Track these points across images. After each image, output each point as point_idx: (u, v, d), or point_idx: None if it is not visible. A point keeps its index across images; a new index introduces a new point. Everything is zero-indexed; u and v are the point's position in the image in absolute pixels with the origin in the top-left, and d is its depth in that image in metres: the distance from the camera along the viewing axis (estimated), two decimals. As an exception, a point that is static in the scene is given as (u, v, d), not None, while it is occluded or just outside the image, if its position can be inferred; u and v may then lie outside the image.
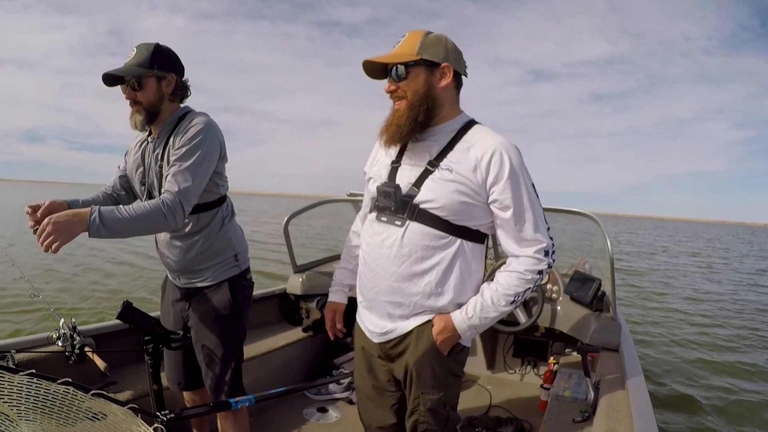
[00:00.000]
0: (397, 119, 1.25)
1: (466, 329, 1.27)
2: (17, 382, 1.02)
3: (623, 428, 1.50)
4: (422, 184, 1.24)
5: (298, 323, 3.04)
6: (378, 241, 1.30)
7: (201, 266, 1.68)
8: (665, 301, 8.85)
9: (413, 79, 1.23)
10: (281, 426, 2.41)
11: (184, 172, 1.47)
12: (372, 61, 1.25)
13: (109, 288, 7.18)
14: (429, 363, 1.31)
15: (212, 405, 1.71)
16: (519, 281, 1.24)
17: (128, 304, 1.44)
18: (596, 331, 2.33)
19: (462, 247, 1.26)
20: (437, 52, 1.23)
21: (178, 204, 1.44)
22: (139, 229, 1.39)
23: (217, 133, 1.58)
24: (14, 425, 1.02)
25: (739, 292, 10.73)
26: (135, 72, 1.52)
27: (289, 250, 3.11)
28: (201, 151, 1.50)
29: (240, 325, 1.75)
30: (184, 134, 1.52)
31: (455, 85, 1.29)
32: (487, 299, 1.25)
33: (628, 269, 13.46)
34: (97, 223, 1.29)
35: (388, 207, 1.28)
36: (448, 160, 1.23)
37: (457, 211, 1.22)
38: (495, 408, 2.64)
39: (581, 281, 2.59)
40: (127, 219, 1.35)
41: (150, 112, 1.57)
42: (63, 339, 1.78)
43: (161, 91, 1.57)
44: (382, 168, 1.34)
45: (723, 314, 8.04)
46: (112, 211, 1.34)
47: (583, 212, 2.60)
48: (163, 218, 1.41)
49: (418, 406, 1.34)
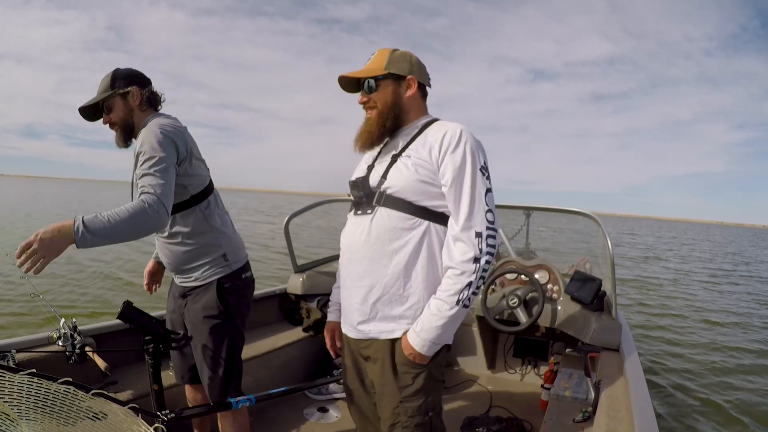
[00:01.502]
0: (368, 126, 1.39)
1: (422, 343, 1.26)
2: (18, 381, 1.02)
3: (624, 428, 1.50)
4: (388, 174, 1.35)
5: (298, 323, 3.04)
6: (352, 230, 1.39)
7: (189, 266, 1.70)
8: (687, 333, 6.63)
9: (382, 90, 1.38)
10: (281, 426, 2.41)
11: (149, 174, 1.48)
12: (346, 76, 1.39)
13: (111, 287, 7.19)
14: (407, 370, 1.32)
15: (212, 405, 1.71)
16: (455, 278, 1.25)
17: (128, 304, 1.44)
18: (597, 330, 2.33)
19: (429, 229, 1.32)
20: (403, 67, 1.38)
21: (157, 200, 1.42)
22: (127, 232, 1.36)
23: (169, 131, 1.58)
24: (15, 425, 1.03)
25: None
26: (100, 97, 1.64)
27: (289, 250, 3.12)
28: (157, 150, 1.51)
29: (231, 326, 1.73)
30: (141, 137, 1.57)
31: (421, 94, 1.44)
32: (433, 309, 1.26)
33: (633, 279, 11.44)
34: (82, 231, 1.26)
35: (360, 199, 1.37)
36: (408, 149, 1.35)
37: (416, 191, 1.30)
38: (495, 408, 2.64)
39: (582, 281, 2.59)
40: (113, 223, 1.32)
41: (124, 127, 1.66)
42: (63, 339, 1.79)
43: (129, 105, 1.66)
44: (360, 171, 1.45)
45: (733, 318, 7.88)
46: (95, 217, 1.31)
47: (583, 212, 2.60)
48: (147, 216, 1.39)
49: (399, 417, 1.32)
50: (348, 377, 1.51)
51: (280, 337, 2.81)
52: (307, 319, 3.00)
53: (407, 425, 1.31)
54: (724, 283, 12.47)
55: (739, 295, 10.45)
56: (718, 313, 8.20)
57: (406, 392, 1.32)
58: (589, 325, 2.39)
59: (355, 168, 1.52)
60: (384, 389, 1.35)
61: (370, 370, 1.41)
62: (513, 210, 3.25)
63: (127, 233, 1.36)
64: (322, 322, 2.98)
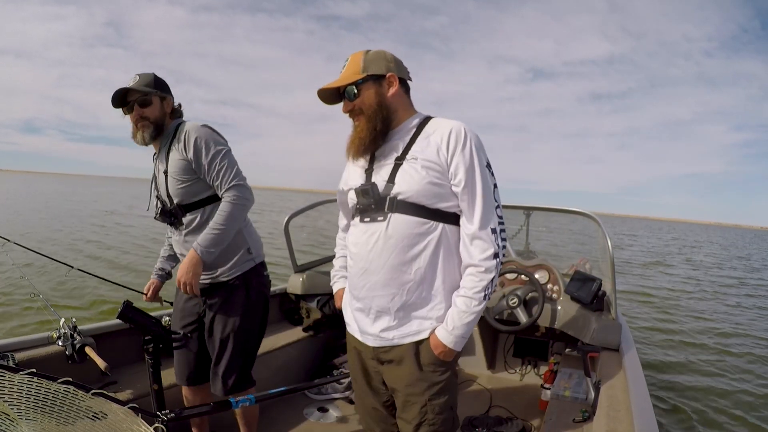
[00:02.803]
0: (358, 133, 1.35)
1: (454, 340, 1.30)
2: (18, 381, 1.02)
3: (623, 428, 1.50)
4: (395, 178, 1.32)
5: (298, 323, 3.05)
6: (364, 239, 1.35)
7: (216, 261, 1.77)
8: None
9: (365, 94, 1.35)
10: (281, 426, 2.41)
11: (222, 166, 1.71)
12: (325, 88, 1.36)
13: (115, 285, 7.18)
14: (435, 369, 1.34)
15: (213, 405, 1.71)
16: (480, 275, 1.29)
17: (129, 303, 1.44)
18: (596, 330, 2.33)
19: (444, 231, 1.32)
20: (380, 66, 1.35)
21: (238, 191, 1.71)
22: (232, 229, 1.71)
23: (213, 129, 1.78)
24: (15, 424, 1.03)
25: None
26: (143, 89, 1.74)
27: (289, 250, 3.12)
28: (217, 144, 1.73)
29: (255, 319, 1.86)
30: (191, 140, 1.71)
31: (404, 90, 1.40)
32: (461, 306, 1.30)
33: (640, 293, 9.35)
34: (204, 254, 1.66)
35: (369, 206, 1.34)
36: (413, 151, 1.32)
37: (429, 194, 1.29)
38: (495, 408, 2.64)
39: (582, 281, 2.59)
40: (220, 233, 1.67)
41: (157, 126, 1.79)
42: (63, 339, 1.79)
43: (164, 109, 1.80)
44: (357, 177, 1.41)
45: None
46: (205, 237, 1.67)
47: (583, 212, 2.60)
48: (239, 209, 1.70)
49: (426, 415, 1.35)
50: (356, 381, 1.52)
51: (280, 337, 2.81)
52: (307, 319, 3.00)
53: (434, 422, 1.35)
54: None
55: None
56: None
57: (433, 390, 1.34)
58: (589, 325, 2.39)
59: (345, 175, 1.48)
60: (409, 389, 1.36)
61: (389, 372, 1.40)
62: (513, 210, 3.25)
63: (233, 230, 1.71)
64: (322, 321, 2.99)
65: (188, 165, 1.73)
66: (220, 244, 1.69)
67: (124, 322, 1.45)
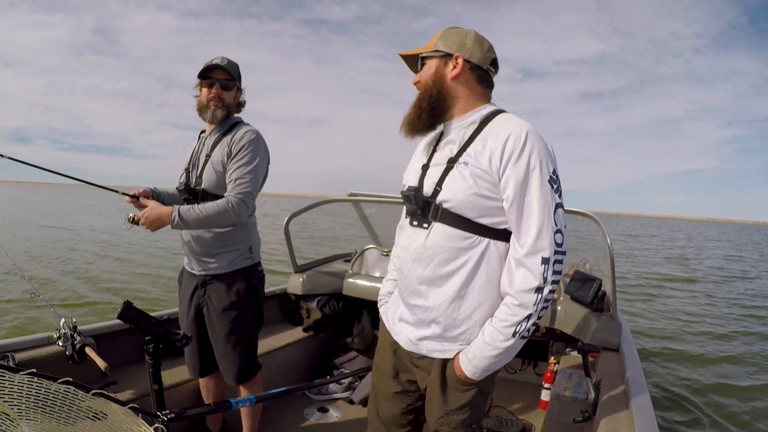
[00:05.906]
0: (410, 109, 1.27)
1: (473, 370, 1.20)
2: (18, 381, 1.02)
3: (624, 428, 1.50)
4: (443, 183, 1.20)
5: (298, 323, 3.04)
6: (407, 244, 1.28)
7: (217, 250, 1.83)
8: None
9: (426, 68, 1.26)
10: (281, 426, 2.41)
11: (245, 176, 1.77)
12: (401, 54, 1.33)
13: (115, 284, 7.19)
14: (457, 386, 1.27)
15: (213, 404, 1.72)
16: (513, 309, 1.14)
17: (129, 303, 1.44)
18: (597, 331, 2.33)
19: (489, 247, 1.19)
20: (451, 43, 1.24)
21: (242, 203, 1.75)
22: (212, 223, 1.74)
23: (265, 143, 1.89)
24: (15, 425, 1.02)
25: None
26: (233, 75, 1.85)
27: (289, 250, 3.11)
28: (259, 157, 1.81)
29: (252, 313, 1.92)
30: (241, 140, 1.80)
31: (475, 78, 1.25)
32: (487, 337, 1.17)
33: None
34: (177, 220, 1.68)
35: (415, 211, 1.25)
36: (466, 154, 1.19)
37: (475, 206, 1.16)
38: (495, 408, 2.64)
39: (581, 281, 2.59)
40: (201, 217, 1.69)
41: (228, 110, 1.89)
42: (63, 339, 1.79)
43: (237, 99, 1.93)
44: (413, 173, 1.31)
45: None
46: (189, 209, 1.70)
47: (583, 212, 2.60)
48: (229, 215, 1.72)
49: (442, 426, 1.30)
50: (380, 383, 1.45)
51: (280, 337, 2.81)
52: (307, 320, 3.00)
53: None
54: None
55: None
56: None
57: (452, 405, 1.27)
58: (589, 325, 2.39)
59: (408, 169, 1.37)
60: (432, 397, 1.31)
61: (420, 374, 1.35)
62: None
63: (212, 224, 1.76)
64: (322, 322, 2.98)
65: (228, 159, 1.81)
66: (191, 226, 1.73)
67: (124, 322, 1.44)
